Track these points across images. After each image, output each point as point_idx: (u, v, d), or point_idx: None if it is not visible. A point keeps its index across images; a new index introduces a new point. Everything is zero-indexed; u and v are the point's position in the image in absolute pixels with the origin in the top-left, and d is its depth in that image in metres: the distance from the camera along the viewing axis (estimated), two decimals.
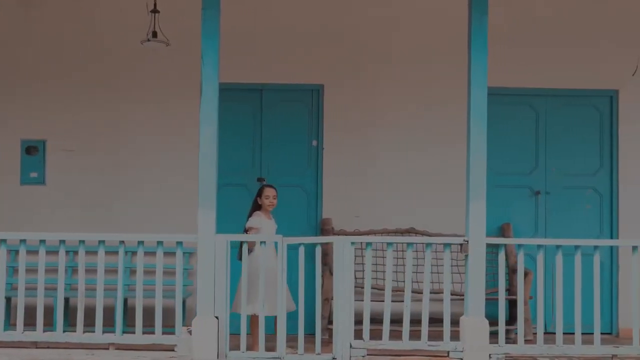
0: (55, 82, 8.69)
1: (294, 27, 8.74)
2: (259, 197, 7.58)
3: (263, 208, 7.55)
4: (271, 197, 7.54)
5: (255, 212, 7.54)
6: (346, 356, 6.73)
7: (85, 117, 8.68)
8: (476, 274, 6.80)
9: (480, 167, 6.83)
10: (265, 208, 7.55)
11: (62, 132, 8.67)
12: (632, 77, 8.73)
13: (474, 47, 6.88)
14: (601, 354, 6.91)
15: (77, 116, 8.68)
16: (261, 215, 7.50)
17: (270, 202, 7.54)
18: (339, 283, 6.78)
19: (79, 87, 8.68)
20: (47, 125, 8.67)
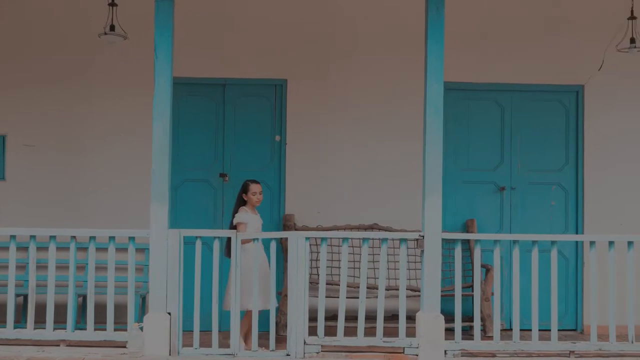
0: (15, 77, 8.58)
1: (257, 21, 8.66)
2: (244, 193, 7.49)
3: (249, 204, 7.48)
4: (258, 193, 7.48)
5: (242, 207, 7.47)
6: (300, 353, 6.67)
7: (45, 112, 8.57)
8: (432, 269, 6.73)
9: (436, 162, 6.75)
10: (253, 204, 7.48)
11: (23, 127, 8.56)
12: (597, 72, 8.73)
13: (430, 41, 6.80)
14: (558, 350, 6.85)
15: (37, 111, 8.57)
16: (247, 210, 7.43)
17: (258, 198, 7.48)
18: (292, 279, 6.71)
19: (39, 81, 8.57)
20: (7, 120, 8.56)
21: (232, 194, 8.59)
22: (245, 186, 7.49)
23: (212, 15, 8.63)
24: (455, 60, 8.63)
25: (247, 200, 7.46)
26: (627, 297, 6.87)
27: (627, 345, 6.84)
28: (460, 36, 8.69)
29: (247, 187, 7.48)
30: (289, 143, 8.64)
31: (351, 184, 8.65)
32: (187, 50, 8.49)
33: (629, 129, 8.74)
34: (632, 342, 6.84)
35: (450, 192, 8.74)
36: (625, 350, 6.83)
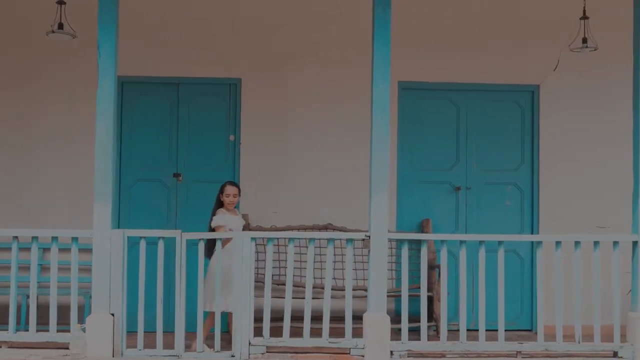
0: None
1: (211, 19, 8.60)
2: (221, 194, 7.50)
3: (225, 205, 7.49)
4: (231, 196, 7.49)
5: (219, 209, 7.45)
6: (245, 353, 6.63)
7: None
8: (378, 269, 6.70)
9: (382, 161, 6.73)
10: (226, 207, 7.49)
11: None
12: (553, 72, 8.72)
13: (376, 40, 6.77)
14: (506, 350, 6.83)
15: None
16: (225, 212, 7.40)
17: (230, 201, 7.48)
18: (238, 279, 6.67)
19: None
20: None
21: (185, 194, 8.57)
22: (221, 187, 7.53)
23: (166, 14, 8.57)
24: (411, 60, 8.65)
25: (223, 201, 7.51)
26: (574, 298, 6.86)
27: (574, 345, 6.83)
28: (415, 36, 8.68)
29: (222, 188, 7.50)
30: (244, 143, 8.59)
31: (307, 185, 8.60)
32: (140, 49, 8.47)
33: (583, 128, 8.73)
34: (579, 342, 6.83)
35: (406, 192, 8.73)
36: (572, 350, 6.82)
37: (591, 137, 8.72)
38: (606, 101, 8.67)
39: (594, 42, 8.04)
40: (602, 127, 8.68)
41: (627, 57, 7.14)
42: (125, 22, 8.18)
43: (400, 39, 8.54)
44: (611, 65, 8.47)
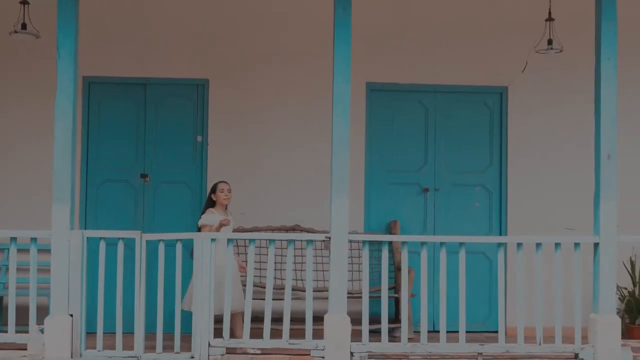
0: None
1: (178, 20, 8.59)
2: (213, 194, 7.54)
3: (218, 204, 7.51)
4: (226, 191, 7.52)
5: (209, 209, 7.45)
6: (204, 355, 6.60)
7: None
8: (338, 270, 6.68)
9: (343, 162, 6.72)
10: (221, 203, 7.50)
11: None
12: (521, 73, 8.73)
13: (337, 41, 6.76)
14: (467, 351, 6.82)
15: None
16: (215, 212, 7.41)
17: (226, 196, 7.51)
18: (197, 281, 6.65)
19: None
20: None
21: (152, 194, 8.55)
22: (214, 186, 7.58)
23: (133, 15, 8.56)
24: (380, 62, 8.68)
25: (215, 201, 7.51)
26: (536, 299, 6.86)
27: (535, 347, 6.82)
28: (384, 38, 8.69)
29: (216, 186, 7.55)
30: (212, 143, 8.57)
31: (276, 186, 8.59)
32: (107, 49, 8.47)
33: (552, 129, 8.74)
34: (540, 344, 6.82)
35: (374, 193, 8.73)
36: (533, 352, 6.81)
37: (560, 138, 8.73)
38: (573, 102, 8.67)
39: (560, 44, 8.05)
40: (570, 128, 8.68)
41: (593, 58, 7.12)
42: (92, 23, 8.26)
43: (369, 41, 8.64)
44: (578, 67, 8.47)
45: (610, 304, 6.80)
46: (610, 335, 6.75)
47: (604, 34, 6.90)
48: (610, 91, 6.88)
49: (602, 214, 6.84)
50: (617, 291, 8.41)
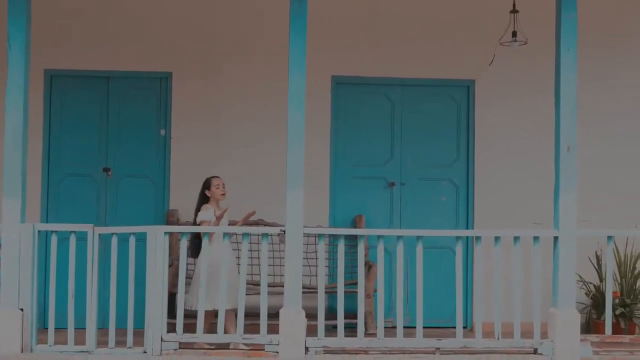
0: None
1: (141, 13, 8.52)
2: (207, 190, 7.40)
3: (212, 200, 7.41)
4: (221, 186, 7.41)
5: (204, 205, 7.37)
6: (157, 350, 6.52)
7: None
8: (293, 264, 6.60)
9: (298, 155, 6.64)
10: (218, 199, 7.41)
11: None
12: (488, 67, 8.64)
13: (292, 33, 6.69)
14: (424, 346, 6.74)
15: None
16: (210, 208, 7.31)
17: (222, 191, 7.40)
18: (150, 275, 6.57)
19: None
20: None
21: (115, 188, 8.47)
22: (206, 182, 7.42)
23: (96, 7, 8.47)
24: (346, 55, 8.62)
25: (210, 197, 7.39)
26: (495, 294, 6.78)
27: (493, 342, 6.74)
28: (350, 30, 8.63)
29: (209, 182, 7.41)
30: (175, 137, 8.50)
31: (240, 180, 8.45)
32: (69, 42, 8.40)
33: (519, 122, 8.67)
34: (498, 339, 6.74)
35: (340, 187, 8.67)
36: (491, 347, 6.72)
37: (527, 131, 8.65)
38: (540, 95, 8.53)
39: (524, 36, 7.97)
40: (536, 121, 8.56)
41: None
42: (54, 15, 8.20)
43: (335, 34, 8.58)
44: (544, 59, 8.33)
45: (569, 298, 6.72)
46: (570, 329, 6.68)
47: (564, 24, 6.82)
48: (570, 82, 6.79)
49: (561, 207, 6.76)
50: (584, 286, 8.39)
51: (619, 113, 8.82)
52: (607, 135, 8.77)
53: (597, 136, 8.65)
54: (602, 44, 8.68)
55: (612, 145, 8.78)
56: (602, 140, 8.72)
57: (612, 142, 8.79)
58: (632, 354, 7.04)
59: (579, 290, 8.34)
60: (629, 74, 8.86)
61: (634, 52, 8.91)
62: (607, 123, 8.78)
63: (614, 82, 8.81)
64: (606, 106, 8.78)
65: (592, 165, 8.52)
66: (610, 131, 8.78)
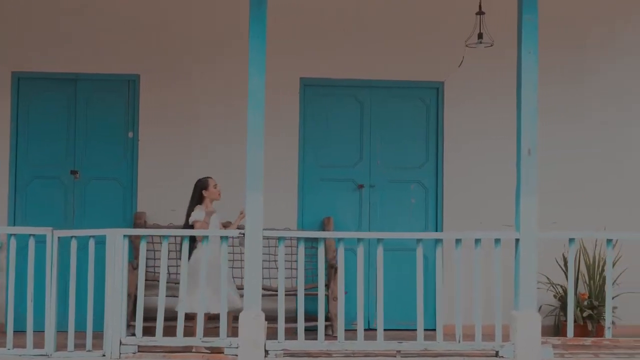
0: None
1: (109, 14, 8.50)
2: (204, 190, 7.35)
3: (208, 200, 7.38)
4: (218, 187, 7.39)
5: (197, 206, 7.35)
6: (115, 353, 6.51)
7: None
8: (253, 267, 6.58)
9: (257, 157, 6.60)
10: (215, 198, 7.40)
11: None
12: (458, 68, 8.64)
13: (252, 35, 6.65)
14: (384, 349, 6.72)
15: None
16: (204, 208, 7.28)
17: (219, 192, 7.39)
18: (109, 277, 6.56)
19: None
20: None
21: (82, 191, 8.46)
22: (203, 183, 7.36)
23: (63, 9, 8.46)
24: (314, 57, 8.61)
25: (206, 197, 7.35)
26: (456, 296, 6.77)
27: (454, 345, 6.72)
28: (319, 32, 8.63)
29: (207, 183, 7.36)
30: (143, 140, 8.49)
31: None
32: (37, 44, 8.40)
33: (488, 124, 8.67)
34: (459, 342, 6.72)
35: (309, 189, 8.67)
36: (452, 349, 6.70)
37: (495, 133, 8.64)
38: (509, 97, 8.45)
39: (491, 38, 7.96)
40: (505, 123, 8.39)
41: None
42: (22, 17, 8.18)
43: (303, 36, 8.60)
44: (512, 61, 8.31)
45: (530, 300, 6.69)
46: (530, 332, 6.65)
47: (525, 27, 6.80)
48: (531, 85, 6.78)
49: (522, 209, 6.74)
50: (552, 288, 8.37)
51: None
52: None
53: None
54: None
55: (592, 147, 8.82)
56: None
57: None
58: (596, 356, 7.05)
59: (546, 293, 8.39)
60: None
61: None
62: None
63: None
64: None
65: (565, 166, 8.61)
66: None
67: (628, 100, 8.91)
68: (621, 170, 8.82)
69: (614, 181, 8.79)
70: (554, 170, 8.62)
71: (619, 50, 8.91)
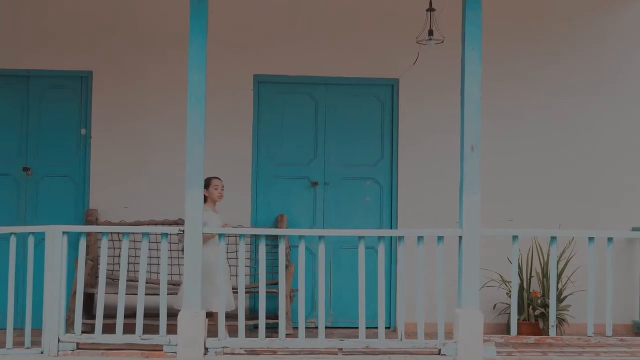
0: None
1: (62, 11, 8.47)
2: (206, 189, 7.15)
3: (210, 201, 7.30)
4: (220, 188, 7.34)
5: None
6: (54, 351, 6.48)
7: None
8: (192, 265, 6.55)
9: (197, 154, 6.58)
10: (215, 200, 7.34)
11: None
12: (413, 66, 8.60)
13: (192, 32, 6.63)
14: (326, 347, 6.69)
15: None
16: (207, 209, 7.13)
17: (220, 193, 7.33)
18: (48, 275, 6.53)
19: None
20: None
21: (35, 188, 8.43)
22: (207, 182, 7.16)
23: (15, 5, 8.39)
24: (268, 54, 8.57)
25: (207, 197, 7.24)
26: (398, 294, 6.76)
27: (396, 343, 6.69)
28: (273, 29, 8.59)
29: (209, 182, 7.26)
30: (95, 137, 8.45)
31: (160, 180, 8.44)
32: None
33: (442, 122, 8.58)
34: (402, 340, 6.69)
35: (263, 187, 8.63)
36: (393, 347, 6.68)
37: (450, 130, 8.47)
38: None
39: (442, 35, 7.92)
40: (459, 120, 8.49)
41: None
42: None
43: (257, 33, 8.55)
44: None
45: (473, 298, 6.67)
46: (473, 329, 6.62)
47: (468, 24, 6.79)
48: (474, 82, 6.78)
49: (465, 207, 6.75)
50: (505, 286, 8.33)
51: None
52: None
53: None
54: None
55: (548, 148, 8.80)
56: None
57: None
58: (545, 355, 7.02)
59: (499, 291, 8.35)
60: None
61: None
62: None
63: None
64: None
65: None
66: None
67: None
68: (580, 167, 8.77)
69: (575, 179, 8.75)
70: (514, 168, 8.67)
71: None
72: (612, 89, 8.82)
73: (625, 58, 8.86)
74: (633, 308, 8.58)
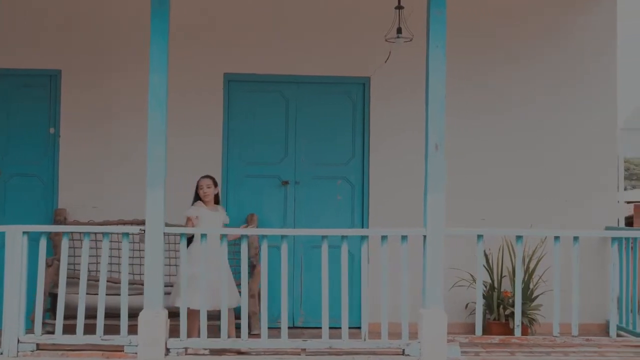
0: None
1: (30, 8, 8.43)
2: (199, 190, 7.35)
3: (202, 198, 7.38)
4: (205, 187, 7.34)
5: (198, 202, 7.34)
6: (13, 351, 6.44)
7: None
8: (153, 264, 6.51)
9: (159, 154, 6.55)
10: (202, 199, 7.36)
11: None
12: (384, 64, 8.55)
13: (153, 31, 6.62)
14: (289, 347, 6.66)
15: None
16: (201, 205, 7.26)
17: (204, 192, 7.33)
18: (8, 275, 6.49)
19: None
20: None
21: (3, 187, 8.40)
22: (198, 181, 7.39)
23: None
24: (238, 53, 8.53)
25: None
26: (362, 294, 6.72)
27: (359, 343, 6.66)
28: (243, 27, 8.54)
29: (198, 182, 7.38)
30: (64, 136, 8.41)
31: (129, 179, 8.31)
32: None
33: (413, 121, 8.41)
34: (365, 340, 6.66)
35: (233, 186, 8.58)
36: (356, 347, 6.65)
37: (419, 129, 8.41)
38: None
39: (410, 33, 7.87)
40: None
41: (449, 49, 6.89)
42: None
43: (227, 31, 8.50)
44: None
45: (437, 298, 6.63)
46: (437, 329, 6.59)
47: (432, 21, 6.74)
48: (439, 79, 6.74)
49: (429, 206, 6.68)
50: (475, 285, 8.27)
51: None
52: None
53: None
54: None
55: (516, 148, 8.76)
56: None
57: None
58: (512, 355, 6.99)
59: (472, 290, 8.29)
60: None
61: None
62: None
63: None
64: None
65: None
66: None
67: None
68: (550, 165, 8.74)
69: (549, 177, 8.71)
70: (487, 166, 8.65)
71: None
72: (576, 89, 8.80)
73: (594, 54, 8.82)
74: (606, 308, 8.53)
